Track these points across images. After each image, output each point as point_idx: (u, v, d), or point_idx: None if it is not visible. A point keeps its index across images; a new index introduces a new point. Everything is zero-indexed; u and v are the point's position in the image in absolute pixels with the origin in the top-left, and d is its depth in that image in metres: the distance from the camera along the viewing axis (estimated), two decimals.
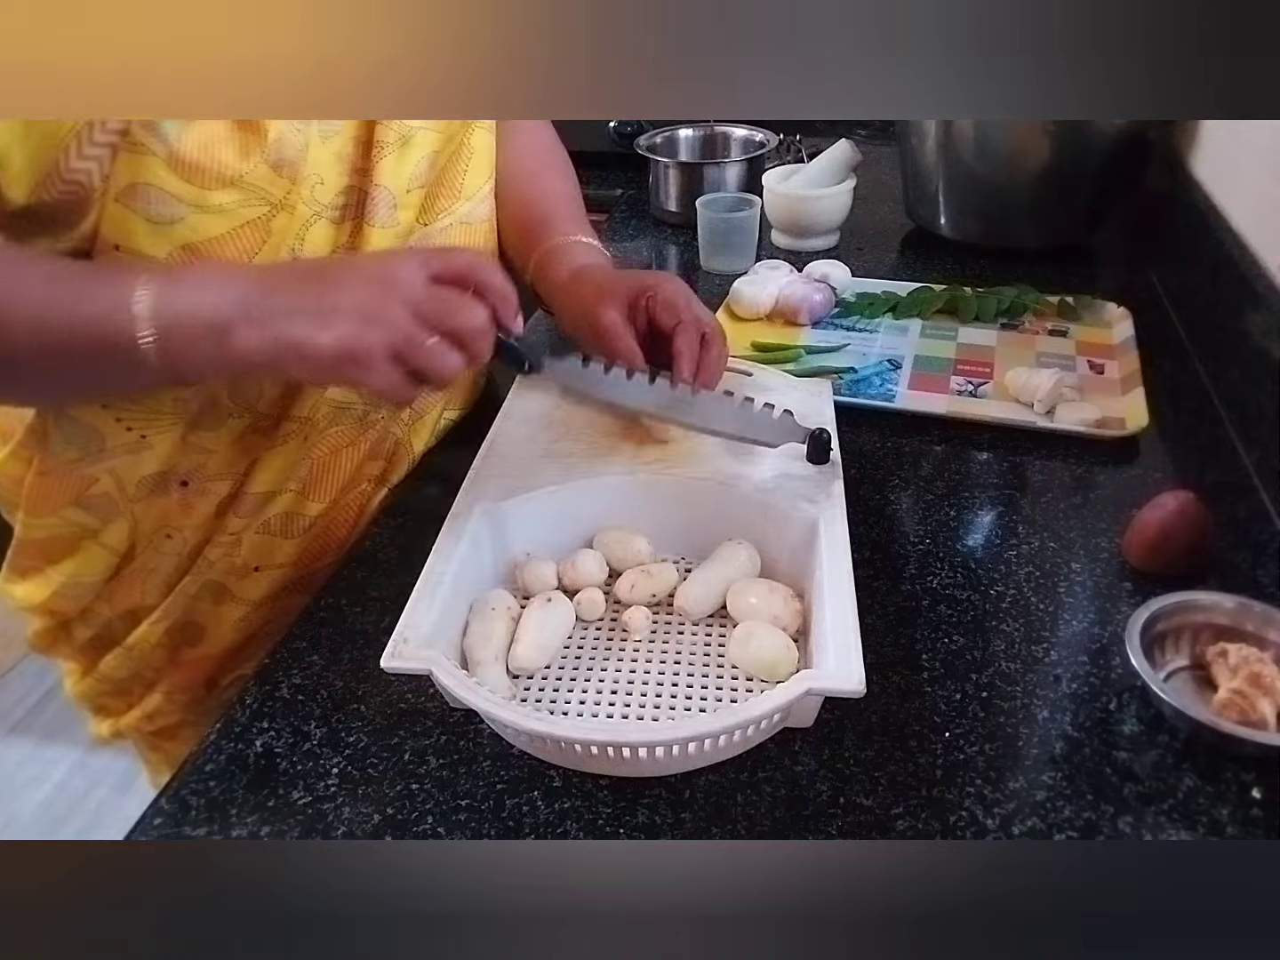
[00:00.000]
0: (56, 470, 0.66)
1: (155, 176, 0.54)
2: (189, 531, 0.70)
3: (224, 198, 0.57)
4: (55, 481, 0.66)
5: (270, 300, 0.52)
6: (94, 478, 0.66)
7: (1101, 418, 0.77)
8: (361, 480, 0.74)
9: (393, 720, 0.54)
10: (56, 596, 0.72)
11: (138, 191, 0.55)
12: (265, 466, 0.68)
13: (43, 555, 0.71)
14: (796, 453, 0.64)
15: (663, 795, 0.49)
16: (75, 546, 0.70)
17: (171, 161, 0.54)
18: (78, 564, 0.70)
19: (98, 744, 0.86)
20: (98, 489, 0.67)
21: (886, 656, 0.56)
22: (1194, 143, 1.03)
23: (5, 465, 0.68)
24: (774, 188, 1.12)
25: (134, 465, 0.66)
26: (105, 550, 0.70)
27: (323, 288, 0.53)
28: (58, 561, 0.70)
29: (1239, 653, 0.53)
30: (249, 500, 0.69)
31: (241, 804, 0.50)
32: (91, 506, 0.68)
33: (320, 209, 0.63)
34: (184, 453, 0.67)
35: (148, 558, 0.71)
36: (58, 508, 0.67)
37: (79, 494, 0.67)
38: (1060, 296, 0.95)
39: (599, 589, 0.60)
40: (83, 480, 0.66)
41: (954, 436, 0.77)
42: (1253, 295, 0.77)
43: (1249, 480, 0.71)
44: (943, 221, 1.12)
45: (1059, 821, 0.47)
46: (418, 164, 0.67)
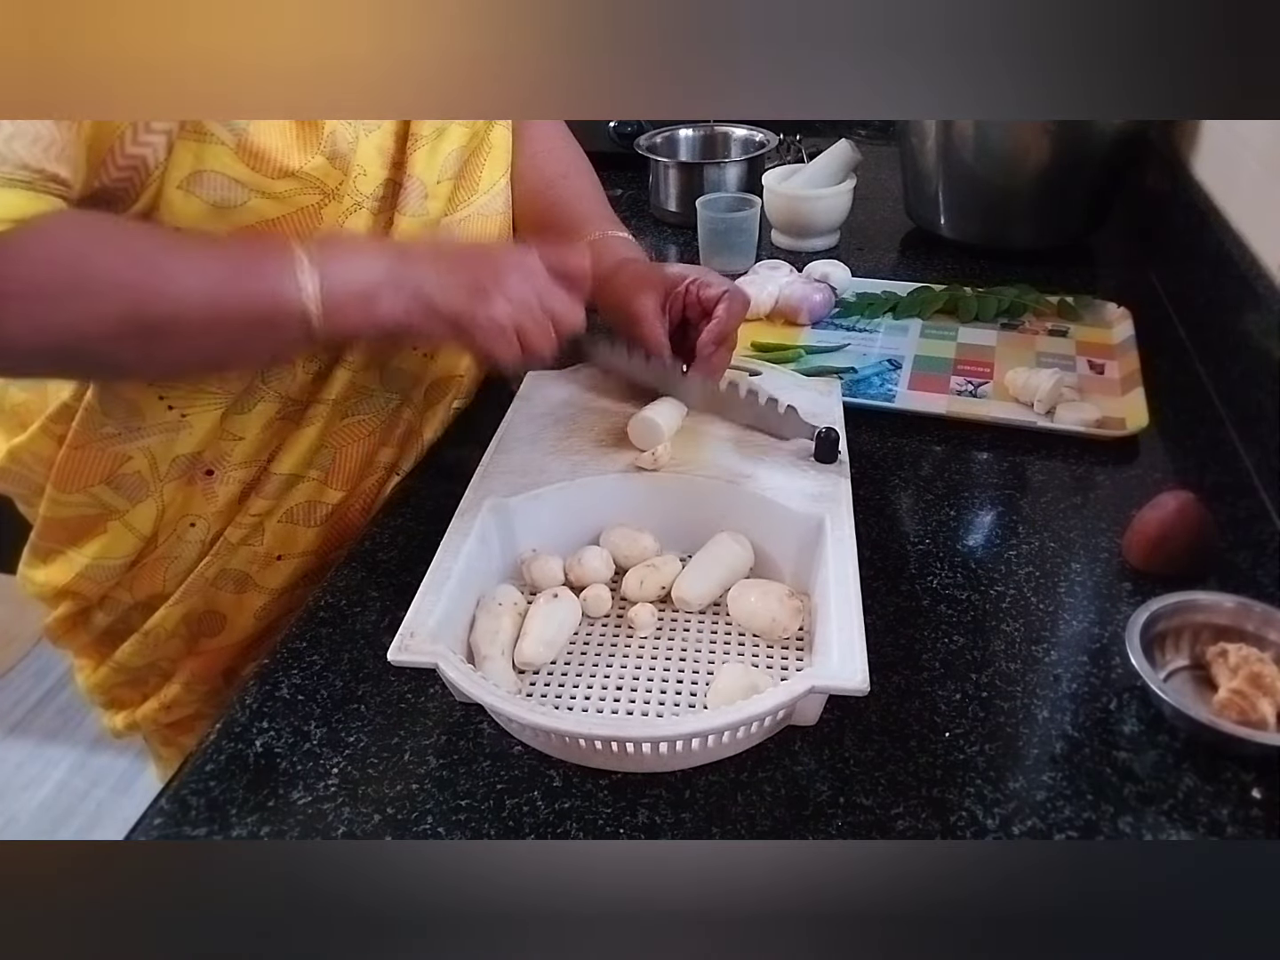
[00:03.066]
0: (91, 444, 0.66)
1: (221, 164, 0.57)
2: (211, 519, 0.71)
3: (284, 186, 0.60)
4: (89, 456, 0.67)
5: (411, 269, 0.58)
6: (127, 455, 0.67)
7: (1101, 418, 0.77)
8: (377, 468, 0.76)
9: (393, 720, 0.54)
10: (80, 579, 0.72)
11: (203, 178, 0.57)
12: (290, 450, 0.70)
13: (67, 536, 0.71)
14: (804, 451, 0.64)
15: (663, 795, 0.49)
16: (101, 527, 0.70)
17: (239, 150, 0.57)
18: (103, 546, 0.71)
19: (111, 737, 0.86)
20: (130, 467, 0.68)
21: (887, 656, 0.56)
22: (1194, 143, 1.03)
23: (32, 442, 0.68)
24: (774, 188, 1.12)
25: (169, 445, 0.67)
26: (131, 533, 0.70)
27: (457, 262, 0.59)
28: (82, 543, 0.71)
29: (1239, 653, 0.53)
30: (273, 482, 0.71)
31: (241, 804, 0.50)
32: (122, 485, 0.68)
33: (361, 199, 0.65)
34: (217, 436, 0.68)
35: (170, 545, 0.72)
36: (88, 484, 0.68)
37: (111, 471, 0.67)
38: (1060, 296, 0.95)
39: (605, 585, 0.61)
40: (116, 457, 0.67)
41: (954, 436, 0.77)
42: (1253, 295, 0.77)
43: (1249, 480, 0.71)
44: (943, 221, 1.12)
45: (1059, 821, 0.47)
46: (447, 157, 0.70)
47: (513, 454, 0.66)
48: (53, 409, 0.66)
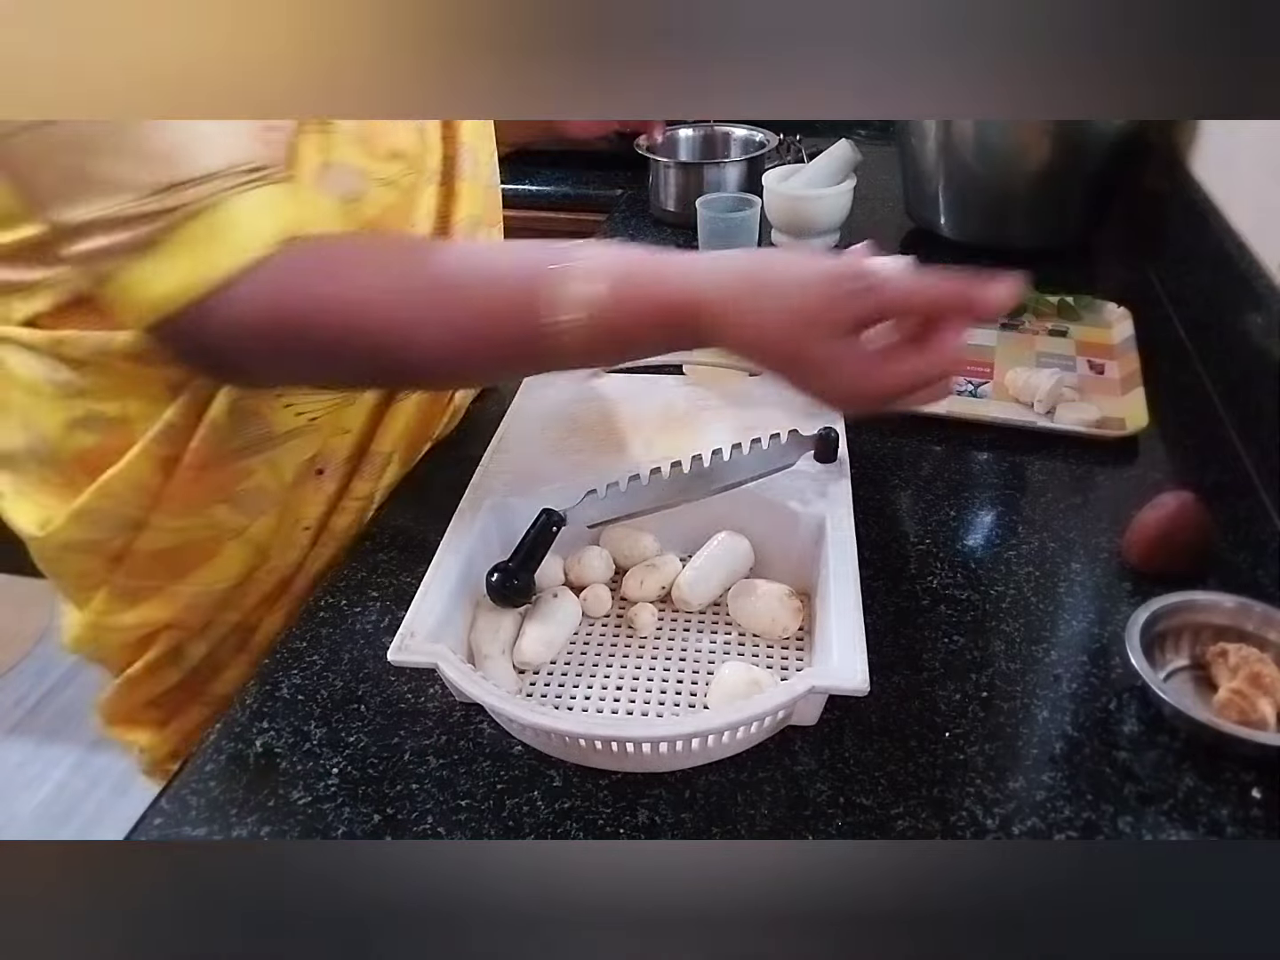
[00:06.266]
0: (213, 463, 0.62)
1: (343, 153, 0.57)
2: (319, 516, 0.70)
3: (394, 168, 0.60)
4: (210, 475, 0.63)
5: (727, 296, 0.50)
6: (250, 470, 0.64)
7: (1101, 418, 0.77)
8: (425, 440, 0.76)
9: (393, 720, 0.54)
10: (186, 610, 0.67)
11: (330, 172, 0.56)
12: (388, 429, 0.70)
13: (166, 568, 0.66)
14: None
15: (663, 795, 0.49)
16: (213, 549, 0.66)
17: (358, 135, 0.57)
18: (215, 570, 0.67)
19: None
20: (252, 482, 0.64)
21: (887, 656, 0.56)
22: (1194, 143, 1.03)
23: (128, 470, 0.61)
24: (774, 188, 1.12)
25: (294, 451, 0.65)
26: (247, 550, 0.67)
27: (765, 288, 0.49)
28: (186, 573, 0.66)
29: (1239, 653, 0.53)
30: (374, 462, 0.70)
31: (241, 804, 0.50)
32: (242, 502, 0.65)
33: (431, 174, 0.66)
34: (330, 434, 0.67)
35: (282, 553, 0.69)
36: (205, 505, 0.64)
37: (232, 488, 0.64)
38: (1060, 296, 0.95)
39: (605, 585, 0.61)
40: (238, 473, 0.64)
41: (954, 436, 0.77)
42: (1253, 295, 0.77)
43: (1249, 480, 0.71)
44: (943, 221, 1.12)
45: (1059, 821, 0.47)
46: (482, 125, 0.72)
47: (513, 454, 0.66)
48: (155, 431, 0.61)
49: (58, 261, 0.51)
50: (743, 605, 0.58)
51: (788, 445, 0.63)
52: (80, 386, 0.60)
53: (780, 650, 0.57)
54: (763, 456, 0.62)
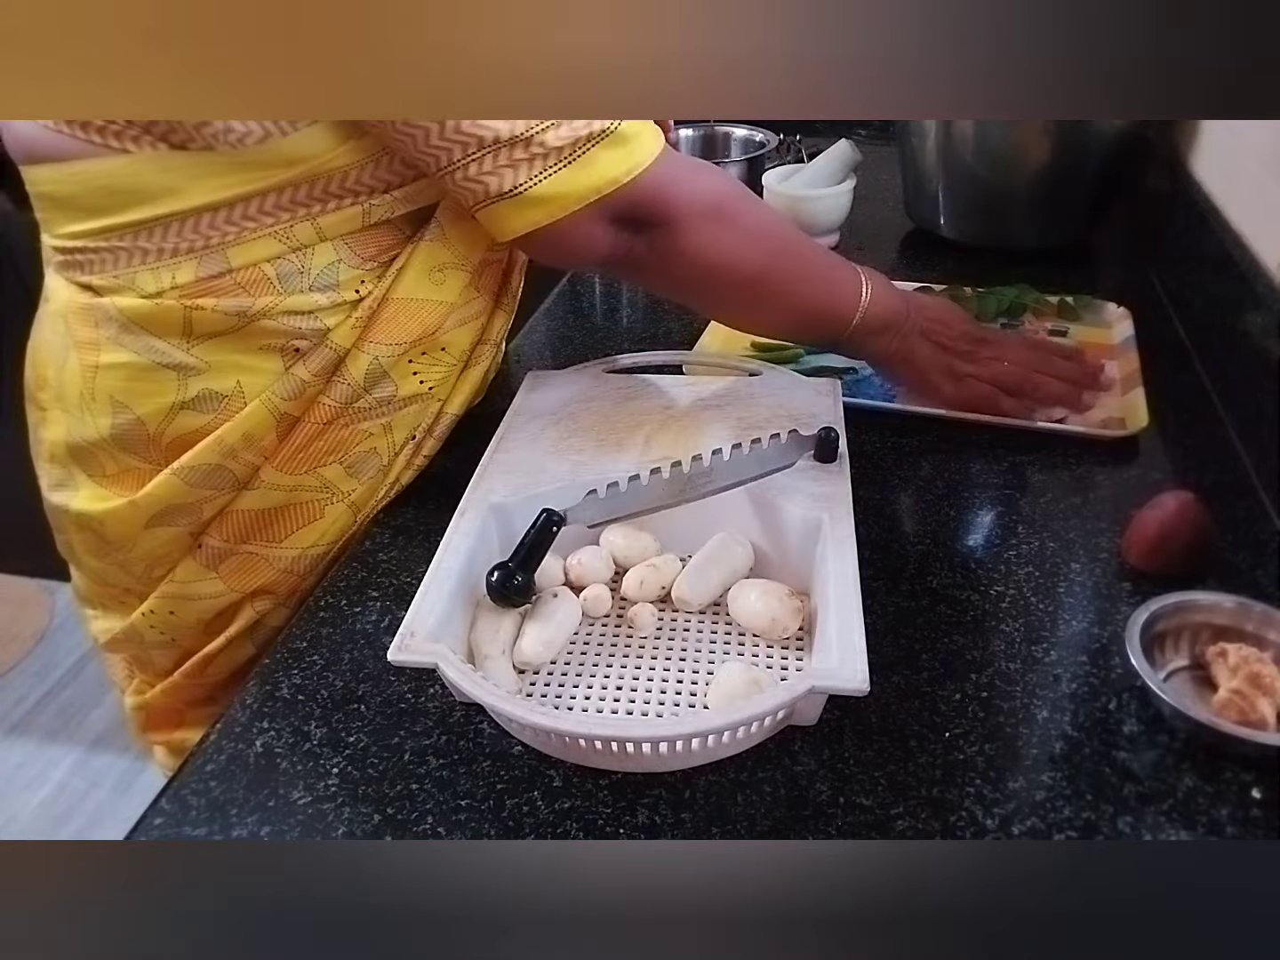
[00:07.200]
0: (340, 421, 0.65)
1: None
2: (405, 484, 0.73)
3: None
4: (333, 434, 0.66)
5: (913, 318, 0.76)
6: (368, 432, 0.67)
7: (1102, 418, 0.77)
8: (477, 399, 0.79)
9: (393, 720, 0.54)
10: (283, 574, 0.68)
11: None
12: (460, 392, 0.73)
13: (264, 531, 0.67)
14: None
15: (663, 795, 0.49)
16: (317, 512, 0.68)
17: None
18: (316, 532, 0.68)
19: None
20: (367, 444, 0.68)
21: (887, 656, 0.56)
22: (1194, 143, 1.03)
23: (249, 422, 0.63)
24: (774, 188, 1.12)
25: (408, 419, 0.70)
26: (348, 514, 0.69)
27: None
28: (283, 536, 0.67)
29: (1239, 653, 0.53)
30: (444, 423, 0.73)
31: (241, 804, 0.50)
32: (355, 464, 0.68)
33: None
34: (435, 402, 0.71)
35: (367, 521, 0.71)
36: (318, 465, 0.66)
37: (348, 449, 0.67)
38: (1060, 296, 0.95)
39: (605, 585, 0.61)
40: (357, 434, 0.67)
41: (954, 436, 0.77)
42: (1253, 295, 0.77)
43: (1249, 480, 0.71)
44: (943, 221, 1.12)
45: (1059, 821, 0.47)
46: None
47: (513, 454, 0.66)
48: (282, 386, 0.63)
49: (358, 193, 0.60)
50: (742, 605, 0.58)
51: (788, 445, 0.63)
52: (196, 366, 0.61)
53: (780, 650, 0.57)
54: (763, 456, 0.62)
